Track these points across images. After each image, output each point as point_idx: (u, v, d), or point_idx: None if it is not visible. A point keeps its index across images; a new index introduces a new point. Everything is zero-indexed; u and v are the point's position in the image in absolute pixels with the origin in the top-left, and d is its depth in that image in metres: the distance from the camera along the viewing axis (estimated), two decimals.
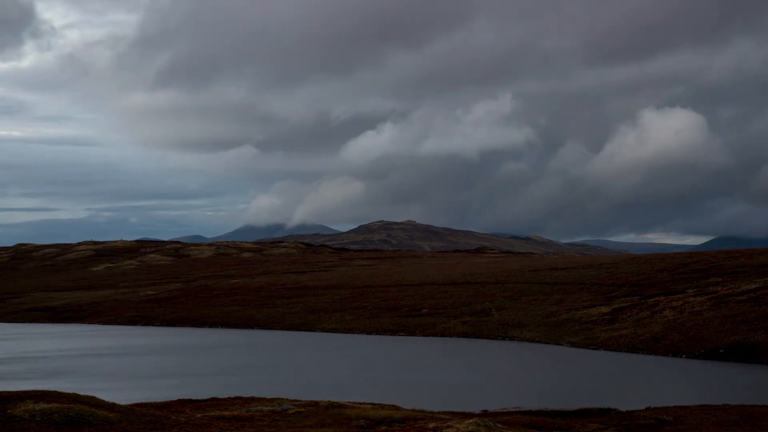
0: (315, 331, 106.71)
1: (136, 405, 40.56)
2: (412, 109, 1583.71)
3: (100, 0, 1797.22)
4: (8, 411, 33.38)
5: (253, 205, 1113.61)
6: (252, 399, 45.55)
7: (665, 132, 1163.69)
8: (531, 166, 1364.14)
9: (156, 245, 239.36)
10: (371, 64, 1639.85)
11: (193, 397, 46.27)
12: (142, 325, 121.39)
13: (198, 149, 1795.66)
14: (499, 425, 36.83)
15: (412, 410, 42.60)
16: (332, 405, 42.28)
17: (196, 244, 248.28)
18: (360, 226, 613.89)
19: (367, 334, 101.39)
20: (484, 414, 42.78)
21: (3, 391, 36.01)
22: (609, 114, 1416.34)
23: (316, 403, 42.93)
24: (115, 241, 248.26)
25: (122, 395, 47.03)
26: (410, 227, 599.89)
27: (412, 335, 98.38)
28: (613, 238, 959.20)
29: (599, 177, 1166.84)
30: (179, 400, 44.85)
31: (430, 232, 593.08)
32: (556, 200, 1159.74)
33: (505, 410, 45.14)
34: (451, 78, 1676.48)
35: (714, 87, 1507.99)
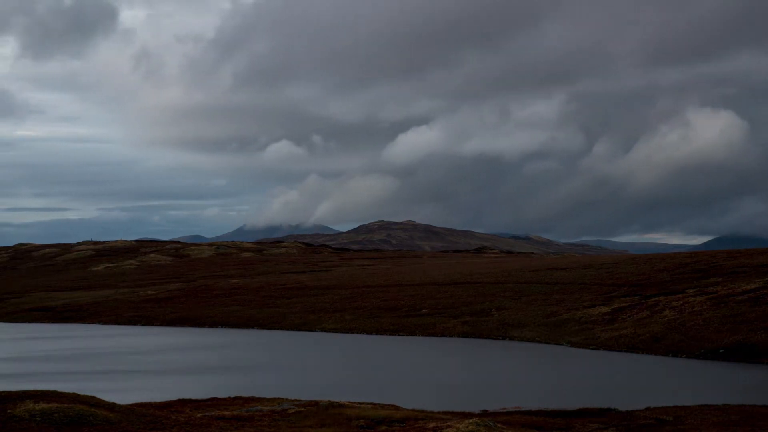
0: (315, 331, 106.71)
1: (136, 405, 40.55)
2: (467, 110, 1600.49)
3: (172, 2, 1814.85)
4: (8, 411, 33.38)
5: (274, 203, 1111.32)
6: (252, 399, 45.54)
7: (701, 133, 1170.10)
8: (564, 166, 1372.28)
9: (156, 245, 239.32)
10: (438, 65, 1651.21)
11: (193, 397, 46.25)
12: (142, 325, 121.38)
13: (238, 150, 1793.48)
14: (499, 425, 36.83)
15: (412, 410, 42.60)
16: (332, 405, 42.28)
17: (196, 244, 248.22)
18: (360, 226, 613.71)
19: (367, 334, 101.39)
20: (484, 414, 42.79)
21: (3, 391, 36.00)
22: (655, 114, 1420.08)
23: (316, 403, 42.94)
24: (115, 241, 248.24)
25: (122, 395, 47.00)
26: (410, 227, 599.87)
27: (412, 335, 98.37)
28: (619, 239, 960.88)
29: (625, 177, 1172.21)
30: (179, 400, 44.84)
31: (430, 232, 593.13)
32: (575, 200, 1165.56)
33: (505, 410, 45.15)
34: (512, 79, 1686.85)
35: (764, 88, 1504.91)
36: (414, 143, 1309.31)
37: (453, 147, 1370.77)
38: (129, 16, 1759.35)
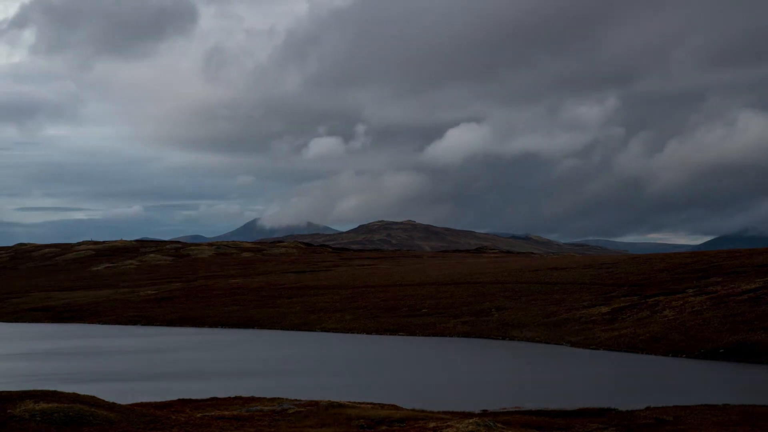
0: (315, 330, 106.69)
1: (136, 405, 40.55)
2: (520, 110, 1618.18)
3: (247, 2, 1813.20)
4: (8, 411, 33.38)
5: (293, 203, 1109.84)
6: (252, 399, 45.54)
7: (738, 134, 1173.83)
8: (596, 166, 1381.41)
9: (156, 245, 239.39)
10: (506, 68, 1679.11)
11: (193, 397, 46.22)
12: (142, 325, 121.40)
13: (285, 148, 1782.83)
14: (499, 425, 36.84)
15: (412, 410, 42.60)
16: (332, 405, 42.28)
17: (196, 244, 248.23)
18: (360, 226, 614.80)
19: (367, 334, 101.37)
20: (484, 414, 42.79)
21: (3, 391, 36.01)
22: (698, 116, 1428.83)
23: (316, 403, 42.95)
24: (115, 241, 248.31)
25: (122, 395, 46.98)
26: (410, 227, 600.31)
27: (412, 335, 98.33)
28: (624, 239, 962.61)
29: (650, 176, 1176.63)
30: (179, 400, 44.81)
31: (430, 232, 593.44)
32: (595, 199, 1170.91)
33: (505, 410, 45.15)
34: (572, 80, 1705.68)
35: None
36: (456, 143, 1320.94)
37: (493, 147, 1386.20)
38: (202, 15, 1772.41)
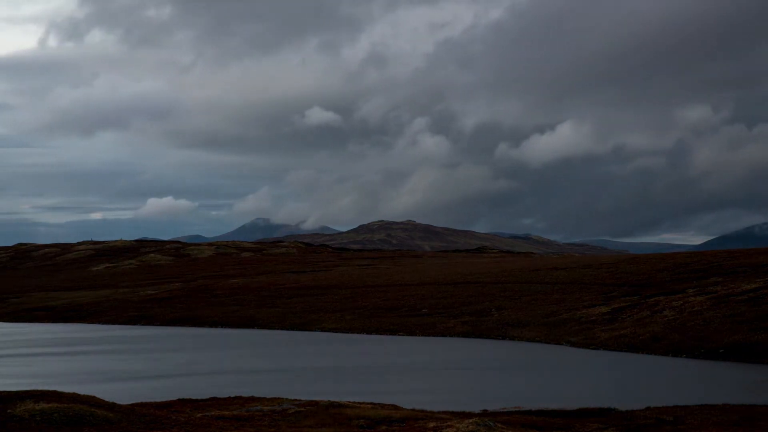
0: (315, 330, 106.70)
1: (136, 405, 40.55)
2: (633, 113, 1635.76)
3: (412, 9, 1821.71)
4: (8, 411, 33.38)
5: (337, 203, 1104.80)
6: (252, 399, 45.54)
7: None
8: (668, 166, 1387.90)
9: (156, 245, 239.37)
10: (641, 73, 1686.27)
11: (193, 397, 46.24)
12: (142, 324, 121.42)
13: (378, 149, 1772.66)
14: (499, 425, 36.85)
15: (412, 410, 42.60)
16: (332, 405, 42.30)
17: (196, 244, 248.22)
18: (360, 226, 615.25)
19: (367, 334, 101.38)
20: (484, 414, 42.78)
21: (3, 391, 36.01)
22: None
23: (316, 403, 42.95)
24: (115, 241, 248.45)
25: (122, 395, 47.00)
26: (410, 227, 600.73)
27: (412, 335, 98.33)
28: (629, 239, 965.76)
29: (709, 176, 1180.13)
30: (179, 400, 44.83)
31: (430, 231, 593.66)
32: (641, 198, 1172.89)
33: (505, 410, 45.15)
34: (701, 83, 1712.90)
35: None
36: (541, 145, 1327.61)
37: (579, 148, 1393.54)
38: (368, 18, 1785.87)
